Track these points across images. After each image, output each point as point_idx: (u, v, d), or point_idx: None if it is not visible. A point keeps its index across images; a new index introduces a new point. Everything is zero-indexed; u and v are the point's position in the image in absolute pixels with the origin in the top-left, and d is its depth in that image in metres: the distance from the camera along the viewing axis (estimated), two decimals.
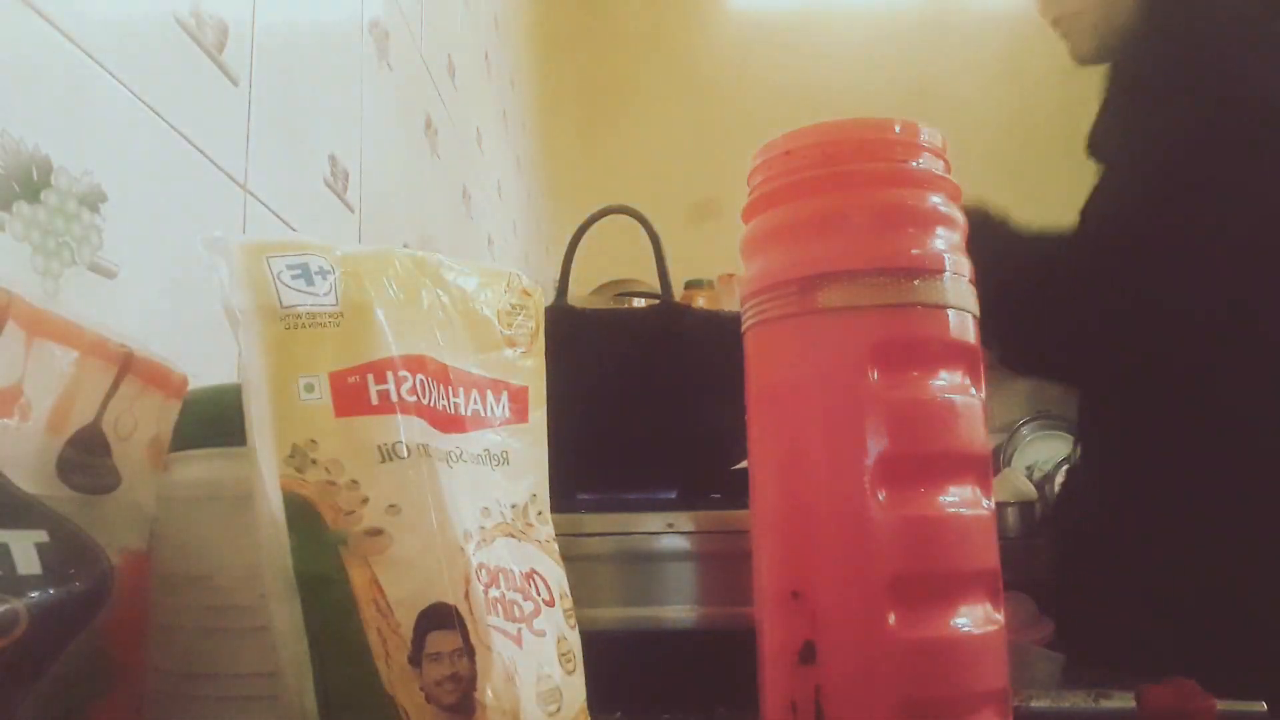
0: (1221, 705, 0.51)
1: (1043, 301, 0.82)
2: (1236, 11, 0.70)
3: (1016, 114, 2.78)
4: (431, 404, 0.43)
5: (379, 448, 0.40)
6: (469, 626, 0.40)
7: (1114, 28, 0.79)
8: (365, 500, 0.39)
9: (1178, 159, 0.71)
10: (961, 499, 0.42)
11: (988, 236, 0.87)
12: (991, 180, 0.83)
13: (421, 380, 0.43)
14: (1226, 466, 0.68)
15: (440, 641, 0.39)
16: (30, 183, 0.49)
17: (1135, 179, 0.76)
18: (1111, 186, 0.81)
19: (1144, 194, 0.73)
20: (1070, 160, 0.87)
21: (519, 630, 0.42)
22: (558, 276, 0.72)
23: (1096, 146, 0.83)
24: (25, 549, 0.33)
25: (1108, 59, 0.83)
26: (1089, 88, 0.91)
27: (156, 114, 0.62)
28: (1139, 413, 0.74)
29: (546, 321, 0.50)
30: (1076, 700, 0.54)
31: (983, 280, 0.44)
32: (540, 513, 0.47)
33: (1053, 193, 0.85)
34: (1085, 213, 0.86)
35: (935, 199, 0.45)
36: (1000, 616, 0.42)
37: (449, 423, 0.44)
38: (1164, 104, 0.73)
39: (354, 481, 0.39)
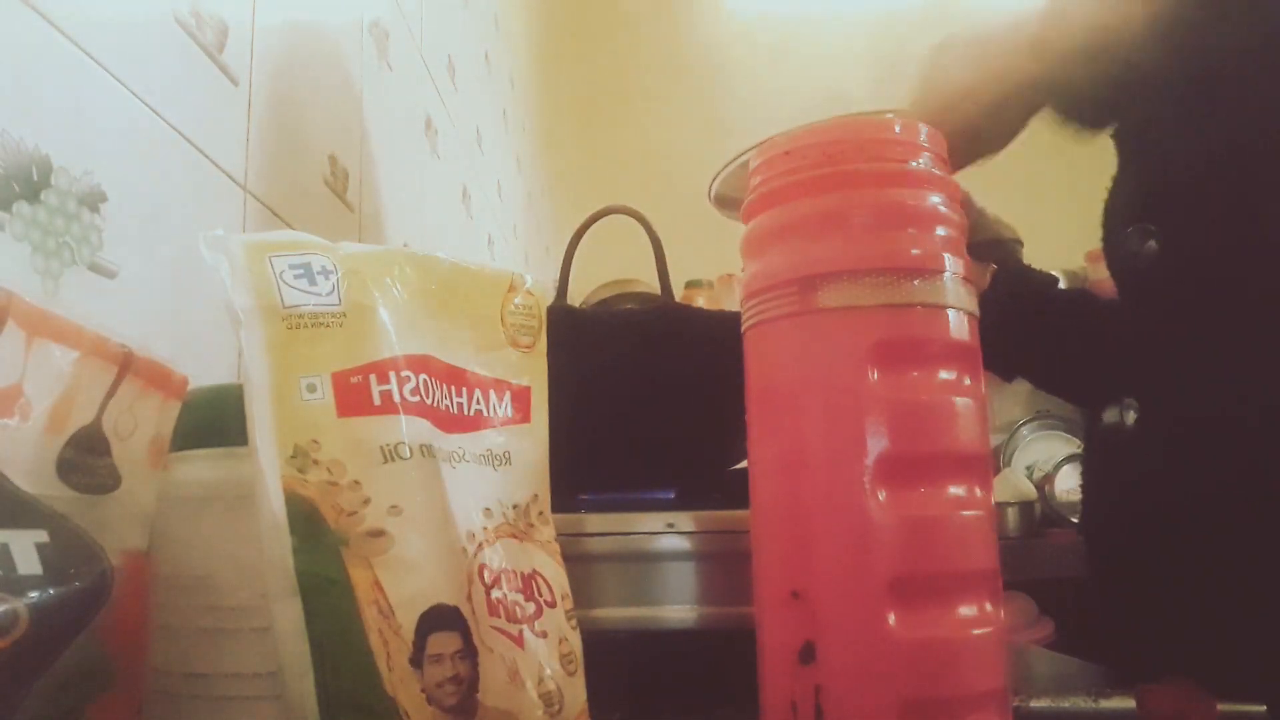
0: (1222, 706, 0.51)
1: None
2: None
3: None
4: (434, 404, 0.43)
5: (381, 448, 0.40)
6: (471, 628, 0.40)
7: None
8: (367, 501, 0.39)
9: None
10: (961, 499, 0.42)
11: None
12: (992, 179, 0.83)
13: (425, 380, 0.43)
14: (1228, 464, 0.68)
15: (442, 643, 0.39)
16: (30, 183, 0.49)
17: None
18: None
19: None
20: (1072, 159, 0.87)
21: (520, 631, 0.42)
22: (558, 276, 0.72)
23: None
24: (25, 549, 0.33)
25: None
26: None
27: (156, 114, 0.62)
28: (1150, 412, 0.74)
29: (547, 322, 0.50)
30: (1076, 700, 0.54)
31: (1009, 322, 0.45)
32: (541, 513, 0.47)
33: (1055, 191, 0.85)
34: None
35: (935, 199, 0.45)
36: (1000, 616, 0.42)
37: (452, 423, 0.44)
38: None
39: (356, 482, 0.39)
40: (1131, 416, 0.75)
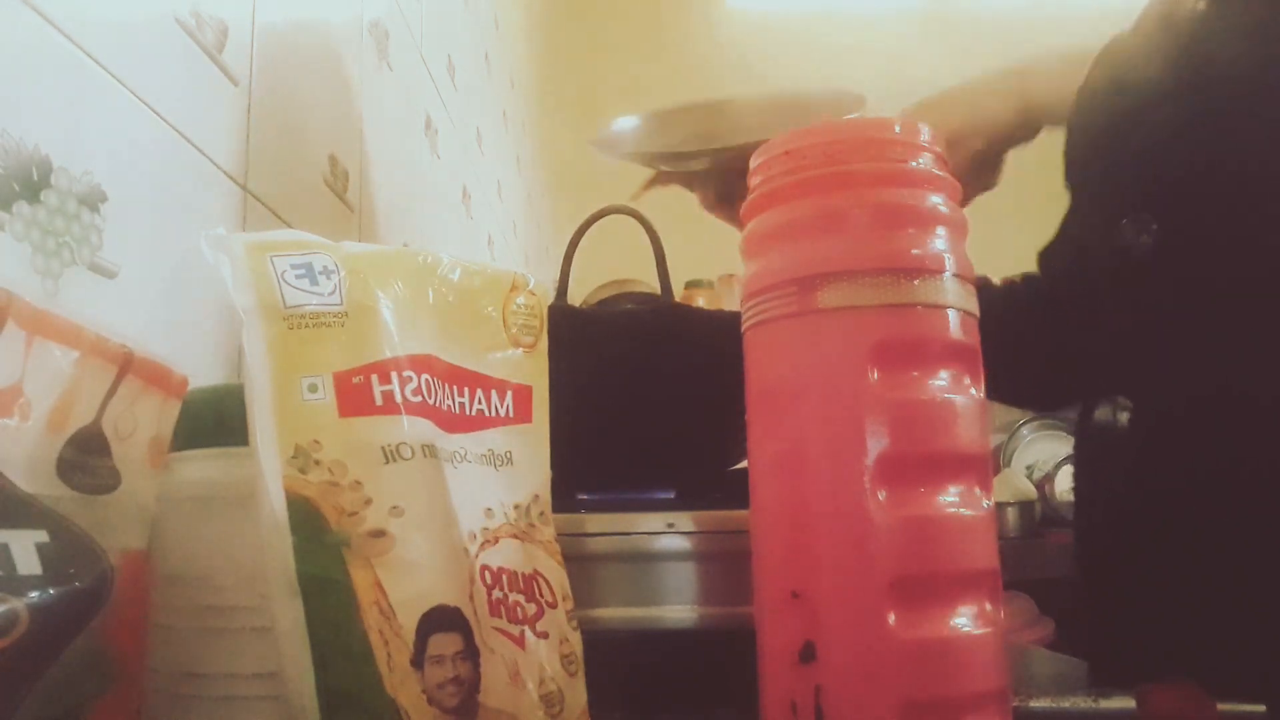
0: (1222, 707, 0.51)
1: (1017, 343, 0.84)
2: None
3: None
4: (436, 404, 0.43)
5: (383, 449, 0.40)
6: (473, 628, 0.40)
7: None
8: (368, 501, 0.39)
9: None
10: (961, 499, 0.42)
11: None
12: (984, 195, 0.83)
13: (426, 380, 0.42)
14: (1230, 463, 0.68)
15: (443, 644, 0.39)
16: (30, 183, 0.49)
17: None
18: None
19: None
20: (1058, 172, 0.87)
21: (522, 632, 0.43)
22: (558, 276, 0.72)
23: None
24: (25, 549, 0.33)
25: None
26: None
27: (156, 114, 0.62)
28: (1148, 415, 0.74)
29: (547, 322, 0.50)
30: (1076, 700, 0.54)
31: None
32: (543, 513, 0.47)
33: (1055, 190, 0.85)
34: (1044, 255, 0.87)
35: (935, 199, 0.44)
36: (1000, 616, 0.42)
37: (453, 423, 0.44)
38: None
39: (357, 482, 0.39)
40: (1124, 416, 0.75)
